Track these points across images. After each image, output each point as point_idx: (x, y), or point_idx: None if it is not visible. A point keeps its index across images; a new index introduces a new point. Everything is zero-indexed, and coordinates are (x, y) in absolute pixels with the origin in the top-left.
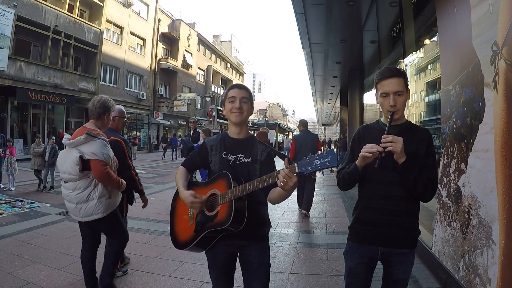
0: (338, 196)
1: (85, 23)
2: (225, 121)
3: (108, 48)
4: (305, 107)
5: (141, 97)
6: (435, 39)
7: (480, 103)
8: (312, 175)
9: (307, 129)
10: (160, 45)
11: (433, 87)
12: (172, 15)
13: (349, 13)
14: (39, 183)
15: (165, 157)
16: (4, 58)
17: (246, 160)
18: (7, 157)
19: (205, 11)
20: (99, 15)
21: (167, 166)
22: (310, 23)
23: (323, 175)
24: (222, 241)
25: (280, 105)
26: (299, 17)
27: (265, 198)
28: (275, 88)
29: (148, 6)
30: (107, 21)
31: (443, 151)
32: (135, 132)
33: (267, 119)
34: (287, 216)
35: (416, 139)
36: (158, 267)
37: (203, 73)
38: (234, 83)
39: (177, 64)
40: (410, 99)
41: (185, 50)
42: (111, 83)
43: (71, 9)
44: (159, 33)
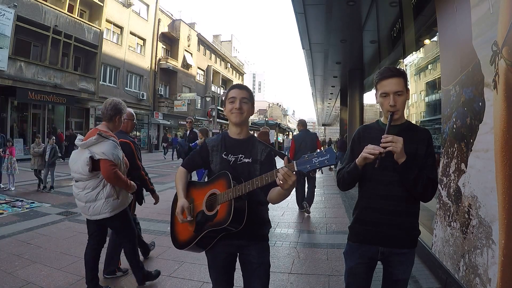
0: (338, 196)
1: (85, 23)
2: (225, 121)
3: (108, 48)
4: (305, 107)
5: (141, 97)
6: (435, 39)
7: (480, 103)
8: (311, 173)
9: (306, 129)
10: (160, 45)
11: (433, 87)
12: (172, 15)
13: (349, 13)
14: (39, 183)
15: (166, 157)
16: (4, 58)
17: (246, 160)
18: (7, 157)
19: (205, 11)
20: (99, 15)
21: (167, 166)
22: (310, 23)
23: (322, 173)
24: (222, 241)
25: (280, 105)
26: (299, 17)
27: (265, 198)
28: (275, 88)
29: (148, 6)
30: (107, 21)
31: (443, 151)
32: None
33: (267, 119)
34: (287, 216)
35: (416, 139)
36: (158, 267)
37: (203, 73)
38: (234, 83)
39: (177, 64)
40: (410, 99)
41: (185, 50)
42: (111, 83)
43: (71, 9)
44: (159, 33)
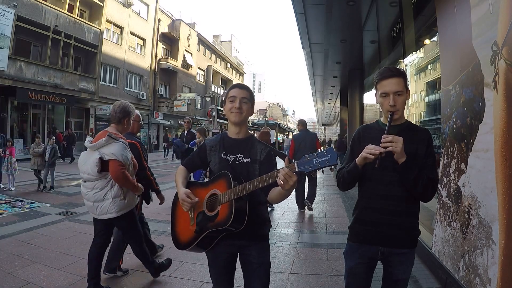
0: (338, 196)
1: (85, 23)
2: (225, 121)
3: (108, 48)
4: (305, 107)
5: (141, 97)
6: (435, 39)
7: (480, 103)
8: (312, 173)
9: (306, 129)
10: (160, 45)
11: (433, 87)
12: (172, 15)
13: (349, 13)
14: (39, 183)
15: (167, 157)
16: (4, 58)
17: (245, 160)
18: (7, 157)
19: (205, 11)
20: (99, 15)
21: (167, 166)
22: (310, 23)
23: (323, 173)
24: (223, 241)
25: (280, 105)
26: (299, 17)
27: (265, 197)
28: (275, 88)
29: (148, 6)
30: (107, 21)
31: (443, 151)
32: None
33: (267, 119)
34: (287, 216)
35: (416, 139)
36: None
37: (203, 73)
38: (234, 83)
39: (177, 64)
40: (410, 99)
41: (185, 50)
42: (111, 83)
43: (71, 9)
44: (159, 33)
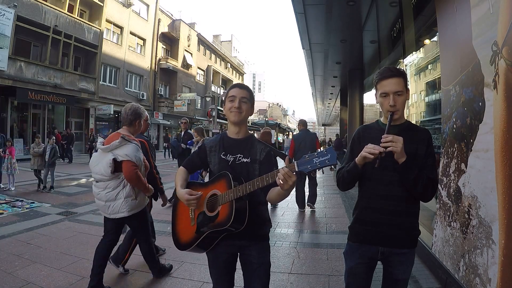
0: (338, 196)
1: (85, 23)
2: (225, 121)
3: (108, 48)
4: (305, 107)
5: (141, 97)
6: (435, 39)
7: (480, 103)
8: (311, 173)
9: (306, 129)
10: (160, 45)
11: (433, 87)
12: (172, 15)
13: (349, 13)
14: (39, 183)
15: (167, 157)
16: (4, 58)
17: (245, 160)
18: (6, 157)
19: (205, 11)
20: (99, 15)
21: (167, 166)
22: (310, 23)
23: (322, 173)
24: (223, 241)
25: (280, 105)
26: (299, 17)
27: (265, 197)
28: (275, 88)
29: (148, 6)
30: (107, 21)
31: (443, 151)
32: None
33: (267, 119)
34: (287, 216)
35: (416, 139)
36: None
37: (203, 73)
38: (234, 83)
39: (177, 64)
40: (410, 99)
41: (185, 50)
42: (111, 83)
43: (71, 9)
44: (159, 33)
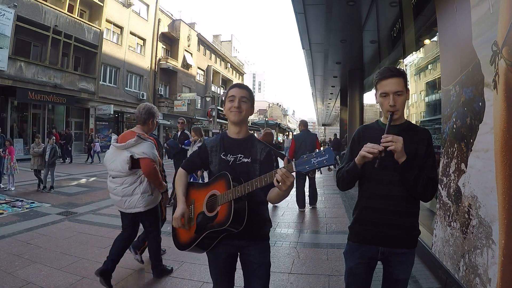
0: (338, 196)
1: (85, 23)
2: (225, 121)
3: (108, 48)
4: (305, 107)
5: (141, 97)
6: (435, 39)
7: (480, 103)
8: (310, 174)
9: (307, 129)
10: (160, 45)
11: (433, 87)
12: (172, 15)
13: (349, 13)
14: (39, 183)
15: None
16: (4, 58)
17: (245, 160)
18: (6, 158)
19: (205, 11)
20: (99, 15)
21: (167, 166)
22: (310, 23)
23: (320, 173)
24: (222, 241)
25: (280, 105)
26: (299, 17)
27: (265, 197)
28: (275, 88)
29: (148, 6)
30: (107, 21)
31: (443, 151)
32: None
33: (267, 119)
34: (287, 216)
35: (416, 139)
36: None
37: (203, 73)
38: (234, 83)
39: (177, 64)
40: (410, 99)
41: (185, 50)
42: (111, 83)
43: (71, 9)
44: (159, 33)
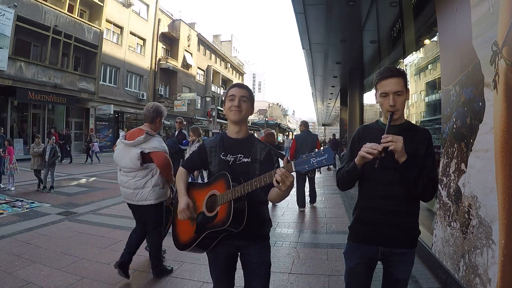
0: (338, 196)
1: (85, 23)
2: (225, 121)
3: (108, 48)
4: (305, 107)
5: (141, 97)
6: (435, 39)
7: (480, 103)
8: (309, 173)
9: (308, 130)
10: (160, 45)
11: (433, 87)
12: (172, 15)
13: (349, 13)
14: (39, 183)
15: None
16: (4, 58)
17: (245, 160)
18: (6, 158)
19: (205, 11)
20: (99, 15)
21: None
22: (310, 23)
23: (320, 173)
24: (222, 241)
25: (280, 105)
26: (299, 17)
27: (266, 197)
28: (275, 88)
29: (148, 6)
30: (107, 21)
31: (443, 151)
32: None
33: (267, 119)
34: (287, 216)
35: (416, 139)
36: None
37: (203, 73)
38: (234, 83)
39: (177, 64)
40: (410, 99)
41: (185, 50)
42: (111, 83)
43: (71, 9)
44: (159, 33)
